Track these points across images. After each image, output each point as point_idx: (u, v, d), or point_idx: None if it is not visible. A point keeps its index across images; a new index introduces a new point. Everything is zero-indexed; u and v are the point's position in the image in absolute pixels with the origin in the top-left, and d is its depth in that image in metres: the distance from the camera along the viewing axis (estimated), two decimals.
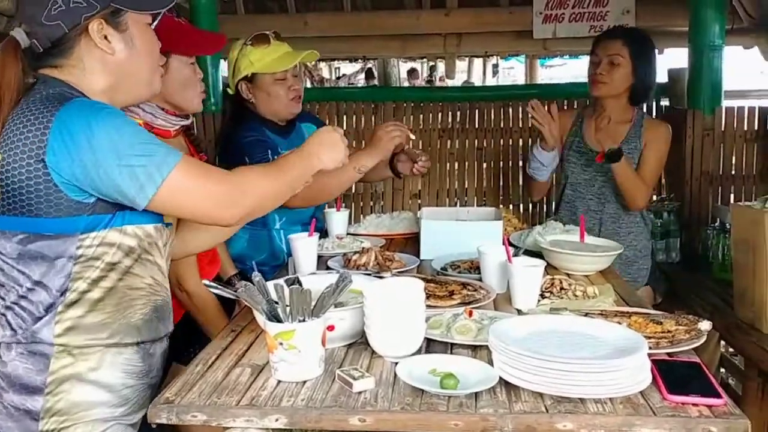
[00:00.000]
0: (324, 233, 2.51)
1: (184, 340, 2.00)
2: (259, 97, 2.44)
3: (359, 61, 6.60)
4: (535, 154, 2.81)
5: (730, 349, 3.37)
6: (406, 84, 11.34)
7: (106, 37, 1.42)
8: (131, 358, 1.47)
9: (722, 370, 3.47)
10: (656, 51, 2.78)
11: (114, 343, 1.43)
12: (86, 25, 1.40)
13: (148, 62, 1.52)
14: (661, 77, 4.33)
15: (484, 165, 4.31)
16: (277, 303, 1.40)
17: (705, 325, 1.54)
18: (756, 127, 3.72)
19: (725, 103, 3.82)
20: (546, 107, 2.70)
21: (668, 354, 1.45)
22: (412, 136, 2.40)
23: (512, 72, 19.87)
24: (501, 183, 4.26)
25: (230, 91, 2.48)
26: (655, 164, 2.74)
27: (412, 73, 12.89)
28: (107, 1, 1.41)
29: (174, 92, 1.97)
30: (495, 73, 16.11)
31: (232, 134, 2.39)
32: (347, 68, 15.35)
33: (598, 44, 2.76)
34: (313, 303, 1.37)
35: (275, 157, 2.31)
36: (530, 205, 4.22)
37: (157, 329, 1.54)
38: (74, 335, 1.39)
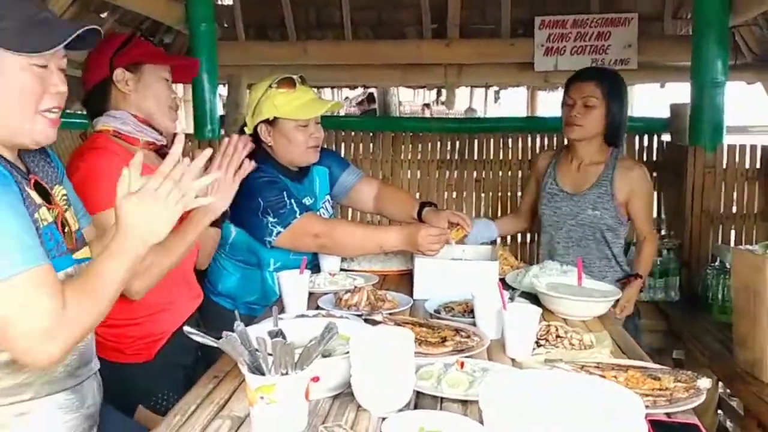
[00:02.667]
0: (317, 268, 2.46)
1: (149, 384, 1.94)
2: (279, 141, 2.35)
3: (356, 87, 6.62)
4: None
5: (728, 390, 3.32)
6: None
7: None
8: (63, 399, 1.43)
9: (719, 412, 3.40)
10: (626, 89, 2.76)
11: (38, 397, 1.38)
12: None
13: (20, 109, 1.34)
14: (663, 112, 4.33)
15: (483, 196, 4.29)
16: (258, 351, 1.34)
17: (704, 383, 1.48)
18: (758, 166, 3.70)
19: (727, 138, 3.80)
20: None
21: (666, 414, 1.39)
22: (468, 230, 2.38)
23: (514, 96, 19.88)
24: (499, 214, 4.23)
25: (247, 131, 2.37)
26: (647, 211, 2.73)
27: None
28: None
29: (146, 104, 1.97)
30: (497, 98, 16.11)
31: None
32: (350, 92, 15.39)
33: (570, 87, 2.72)
34: (297, 355, 1.32)
35: (291, 200, 2.26)
36: (528, 239, 4.18)
37: (82, 372, 1.49)
38: None
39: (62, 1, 3.30)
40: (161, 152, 2.06)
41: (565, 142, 2.87)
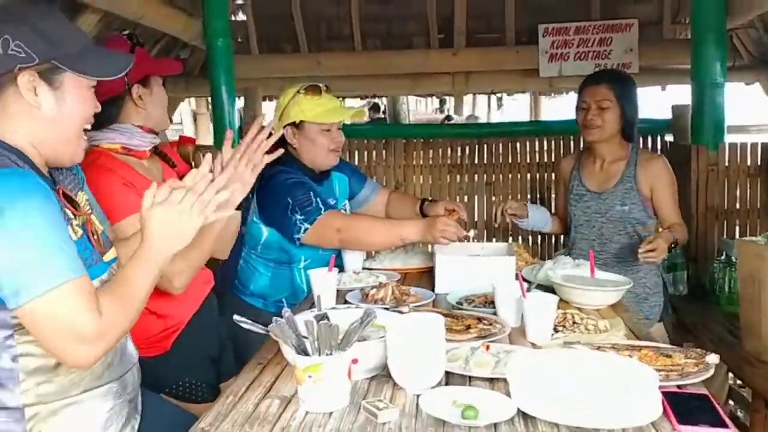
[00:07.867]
0: (341, 268, 2.58)
1: (168, 374, 2.02)
2: (303, 144, 2.49)
3: (368, 97, 6.79)
4: (517, 224, 2.98)
5: (738, 382, 3.42)
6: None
7: (35, 90, 1.38)
8: (107, 388, 1.53)
9: (731, 402, 3.50)
10: (635, 87, 2.88)
11: (88, 390, 1.49)
12: (17, 74, 1.37)
13: (76, 125, 1.47)
14: (665, 113, 4.46)
15: (493, 199, 4.42)
16: (305, 338, 1.47)
17: (712, 359, 1.60)
18: (759, 163, 3.82)
19: (728, 138, 3.92)
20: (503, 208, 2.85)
21: (678, 386, 1.50)
22: (462, 214, 2.56)
23: (515, 104, 20.00)
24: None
25: (274, 134, 2.52)
26: (672, 199, 2.80)
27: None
28: (49, 57, 1.38)
29: (155, 113, 2.06)
30: (500, 105, 16.27)
31: (273, 175, 2.41)
32: (355, 102, 15.56)
33: (584, 91, 2.83)
34: (340, 337, 1.45)
35: (317, 199, 2.39)
36: (539, 239, 4.31)
37: (123, 365, 1.59)
38: (43, 398, 1.41)
39: (89, 20, 3.45)
40: (159, 152, 2.17)
41: (581, 145, 2.96)
